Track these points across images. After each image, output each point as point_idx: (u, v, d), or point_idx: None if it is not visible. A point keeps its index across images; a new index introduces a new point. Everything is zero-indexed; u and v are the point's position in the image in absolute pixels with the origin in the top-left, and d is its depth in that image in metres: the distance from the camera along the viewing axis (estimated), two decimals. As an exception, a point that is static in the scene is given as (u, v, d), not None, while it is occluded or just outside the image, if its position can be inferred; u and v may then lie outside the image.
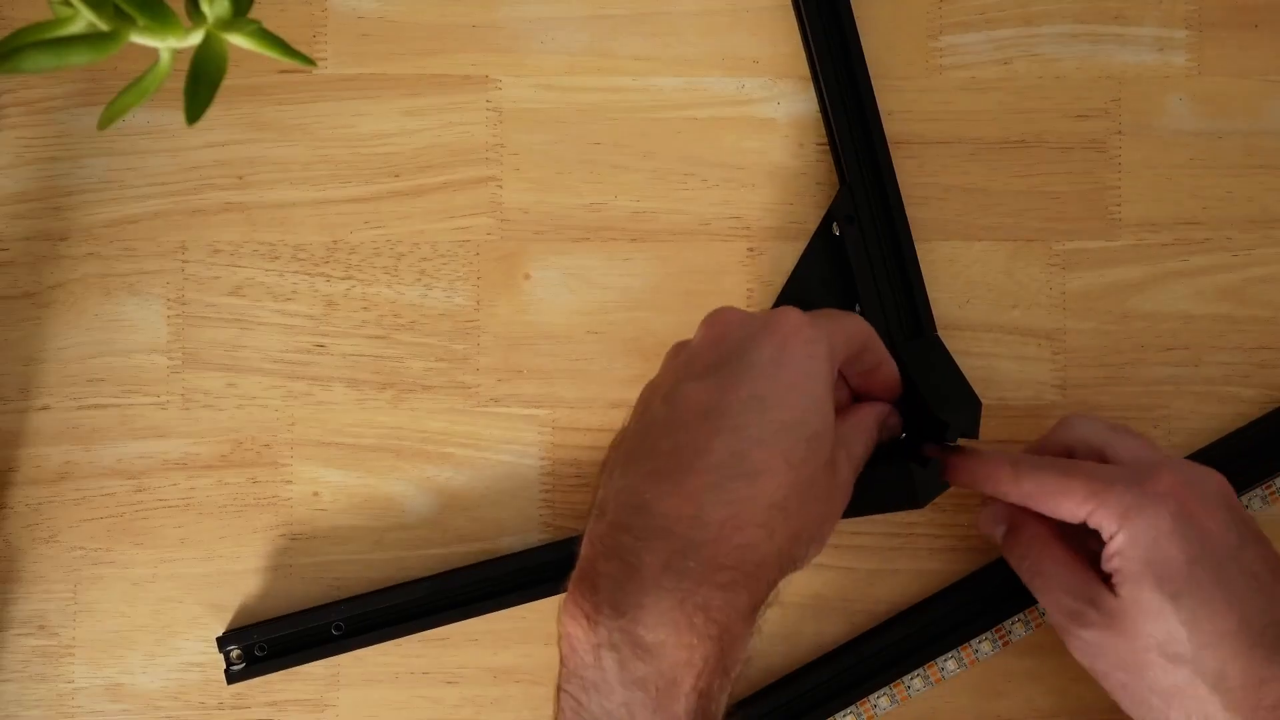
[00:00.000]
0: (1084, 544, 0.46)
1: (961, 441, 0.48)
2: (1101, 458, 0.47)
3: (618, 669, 0.39)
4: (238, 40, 0.33)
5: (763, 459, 0.41)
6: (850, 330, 0.46)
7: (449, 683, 0.51)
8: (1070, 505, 0.45)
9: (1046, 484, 0.46)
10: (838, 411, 0.48)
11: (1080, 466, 0.46)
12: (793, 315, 0.44)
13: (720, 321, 0.44)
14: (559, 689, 0.41)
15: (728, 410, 0.41)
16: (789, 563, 0.42)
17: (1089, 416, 0.49)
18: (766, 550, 0.41)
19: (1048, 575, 0.47)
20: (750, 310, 0.45)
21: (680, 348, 0.46)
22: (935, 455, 0.48)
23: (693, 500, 0.40)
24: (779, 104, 0.52)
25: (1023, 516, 0.47)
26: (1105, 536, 0.45)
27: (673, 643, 0.39)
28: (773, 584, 0.42)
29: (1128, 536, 0.44)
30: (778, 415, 0.42)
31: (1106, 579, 0.45)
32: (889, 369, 0.48)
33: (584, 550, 0.42)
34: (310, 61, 0.34)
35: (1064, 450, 0.48)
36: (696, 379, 0.43)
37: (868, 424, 0.47)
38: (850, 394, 0.49)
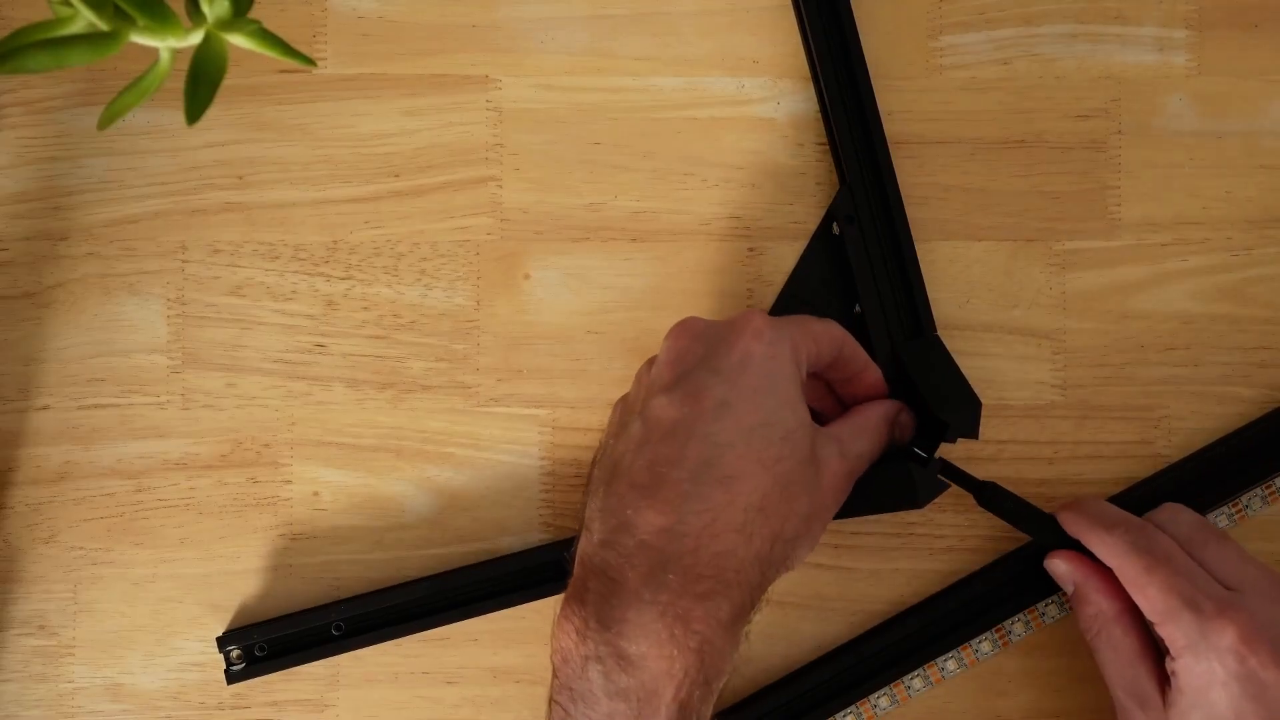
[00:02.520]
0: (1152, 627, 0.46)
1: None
2: (1194, 556, 0.46)
3: (603, 681, 0.40)
4: (238, 40, 0.34)
5: (735, 463, 0.42)
6: (818, 333, 0.46)
7: (449, 683, 0.51)
8: (1143, 602, 0.45)
9: (1128, 571, 0.45)
10: (838, 412, 0.48)
11: (1165, 567, 0.45)
12: (754, 319, 0.44)
13: (683, 333, 0.45)
14: (551, 700, 0.42)
15: (697, 419, 0.42)
16: (772, 566, 0.43)
17: (1188, 513, 0.48)
18: (744, 555, 0.41)
19: (1105, 659, 0.46)
20: (713, 319, 0.45)
21: (650, 364, 0.46)
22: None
23: (670, 512, 0.41)
24: (779, 104, 0.52)
25: (1089, 587, 0.47)
26: (1166, 650, 0.44)
27: (654, 654, 0.40)
28: (757, 589, 0.42)
29: (1183, 669, 0.44)
30: (746, 418, 0.42)
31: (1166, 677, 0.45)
32: (871, 375, 0.48)
33: (575, 568, 0.43)
34: (310, 61, 0.34)
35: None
36: (665, 392, 0.43)
37: (873, 423, 0.47)
38: (837, 403, 0.49)
